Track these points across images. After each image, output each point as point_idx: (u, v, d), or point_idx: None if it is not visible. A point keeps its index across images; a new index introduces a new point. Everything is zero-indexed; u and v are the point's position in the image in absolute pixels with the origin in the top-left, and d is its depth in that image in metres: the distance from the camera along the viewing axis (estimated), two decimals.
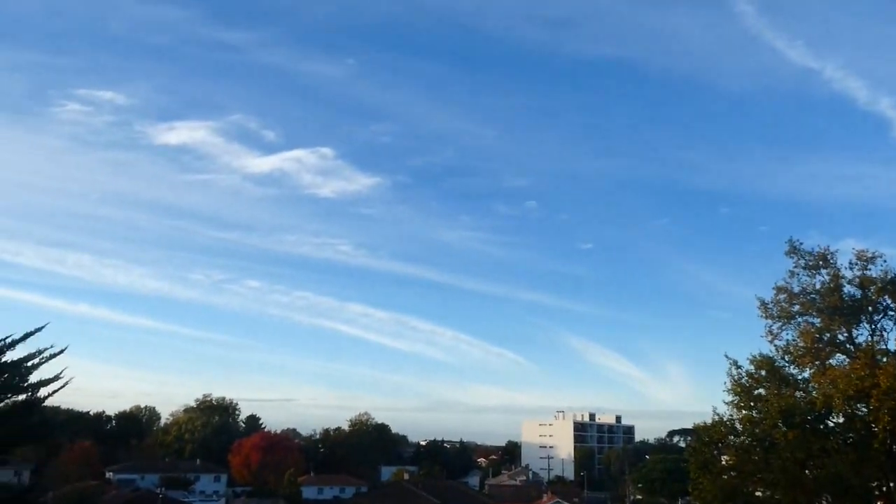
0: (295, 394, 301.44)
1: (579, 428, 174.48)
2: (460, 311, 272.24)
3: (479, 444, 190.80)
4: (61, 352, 19.87)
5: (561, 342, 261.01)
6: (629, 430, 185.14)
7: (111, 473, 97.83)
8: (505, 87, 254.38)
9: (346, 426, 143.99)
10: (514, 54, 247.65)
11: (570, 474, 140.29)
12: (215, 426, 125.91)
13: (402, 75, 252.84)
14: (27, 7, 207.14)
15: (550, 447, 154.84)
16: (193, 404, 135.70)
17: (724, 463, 26.52)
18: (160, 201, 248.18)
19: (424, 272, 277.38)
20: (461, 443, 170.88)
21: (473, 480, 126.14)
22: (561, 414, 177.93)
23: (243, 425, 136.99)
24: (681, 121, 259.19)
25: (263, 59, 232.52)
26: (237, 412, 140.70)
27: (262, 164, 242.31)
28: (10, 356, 18.54)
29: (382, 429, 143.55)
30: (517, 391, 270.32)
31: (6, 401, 19.04)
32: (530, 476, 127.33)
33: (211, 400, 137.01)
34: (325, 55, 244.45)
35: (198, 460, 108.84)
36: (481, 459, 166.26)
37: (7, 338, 18.65)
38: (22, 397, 19.30)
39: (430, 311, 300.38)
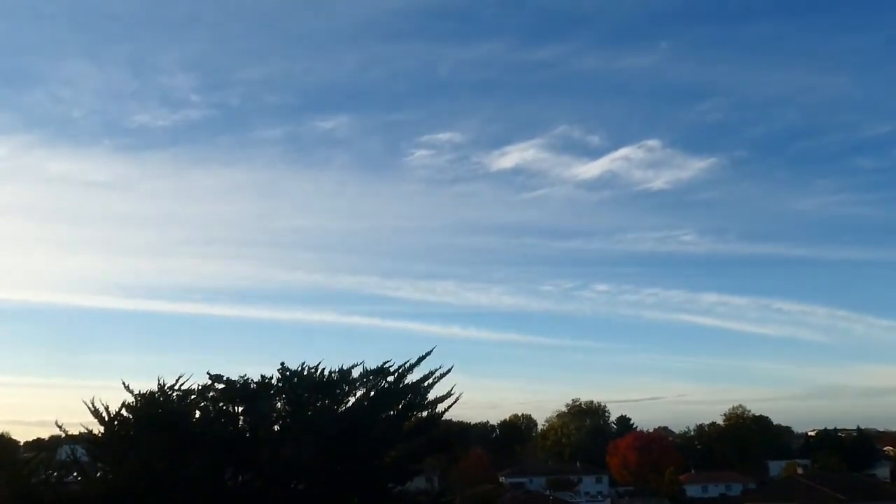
0: (660, 391, 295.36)
1: None
2: (831, 285, 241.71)
3: (880, 430, 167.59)
4: (448, 371, 22.19)
5: None
6: None
7: (503, 477, 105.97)
8: (849, 25, 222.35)
9: (720, 420, 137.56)
10: None
11: None
12: (589, 429, 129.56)
13: (722, 45, 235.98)
14: (373, 76, 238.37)
15: None
16: (565, 409, 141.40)
17: None
18: (504, 222, 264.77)
19: (781, 249, 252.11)
20: (858, 430, 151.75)
21: (882, 472, 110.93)
22: None
23: (615, 426, 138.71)
24: None
25: (577, 67, 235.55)
26: (607, 414, 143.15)
27: (592, 169, 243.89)
28: (410, 378, 20.97)
29: (762, 421, 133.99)
30: None
31: (412, 417, 21.48)
32: None
33: (580, 404, 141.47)
34: (635, 46, 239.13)
35: (577, 462, 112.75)
36: (888, 448, 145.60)
37: (406, 363, 21.14)
38: (424, 414, 21.63)
39: (794, 290, 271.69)
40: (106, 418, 17.35)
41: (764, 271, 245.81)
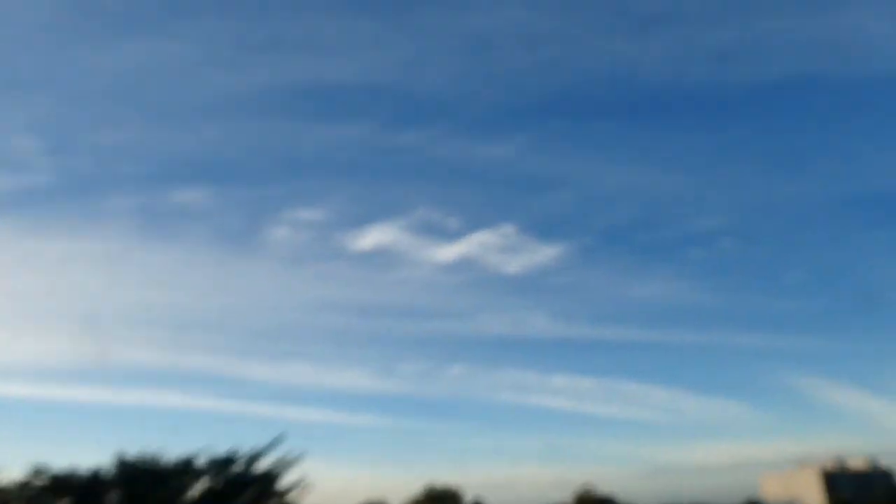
0: (514, 472, 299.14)
1: (828, 478, 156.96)
2: (669, 367, 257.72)
3: None
4: (300, 457, 21.50)
5: (787, 384, 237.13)
6: (887, 475, 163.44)
7: None
8: (681, 129, 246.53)
9: (569, 499, 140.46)
10: (684, 96, 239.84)
11: None
12: None
13: (574, 141, 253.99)
14: (235, 150, 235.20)
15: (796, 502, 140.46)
16: (420, 493, 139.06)
17: None
18: (364, 302, 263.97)
19: (625, 332, 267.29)
20: None
21: None
22: (803, 464, 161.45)
23: None
24: (886, 123, 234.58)
25: (438, 153, 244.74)
26: (461, 497, 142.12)
27: (450, 252, 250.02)
28: (260, 466, 20.16)
29: (608, 500, 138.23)
30: (747, 444, 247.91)
31: None
32: None
33: (435, 487, 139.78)
34: (495, 136, 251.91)
35: None
36: None
37: (255, 450, 20.34)
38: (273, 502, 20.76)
39: (637, 371, 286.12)
40: None
41: (609, 354, 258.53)
